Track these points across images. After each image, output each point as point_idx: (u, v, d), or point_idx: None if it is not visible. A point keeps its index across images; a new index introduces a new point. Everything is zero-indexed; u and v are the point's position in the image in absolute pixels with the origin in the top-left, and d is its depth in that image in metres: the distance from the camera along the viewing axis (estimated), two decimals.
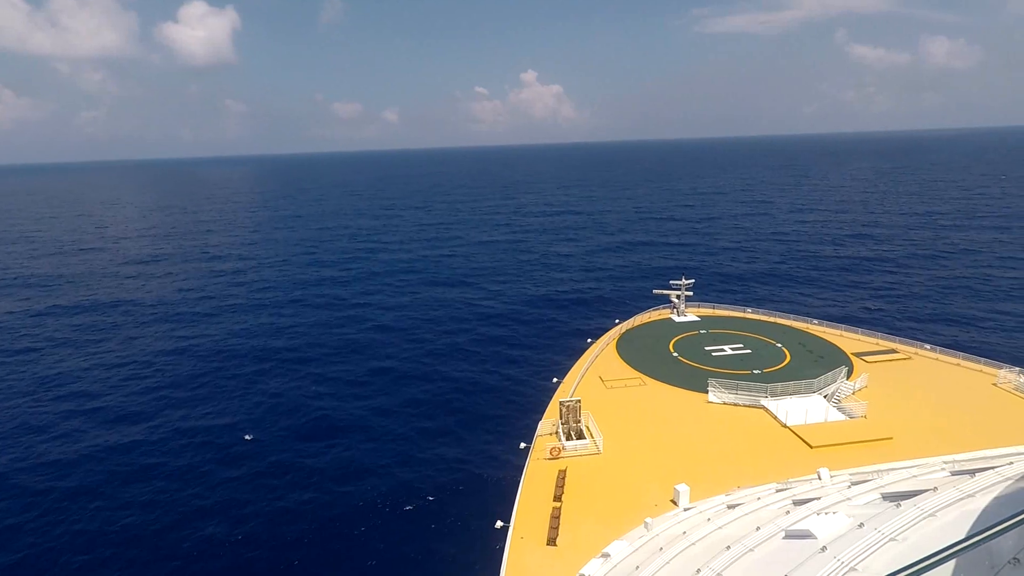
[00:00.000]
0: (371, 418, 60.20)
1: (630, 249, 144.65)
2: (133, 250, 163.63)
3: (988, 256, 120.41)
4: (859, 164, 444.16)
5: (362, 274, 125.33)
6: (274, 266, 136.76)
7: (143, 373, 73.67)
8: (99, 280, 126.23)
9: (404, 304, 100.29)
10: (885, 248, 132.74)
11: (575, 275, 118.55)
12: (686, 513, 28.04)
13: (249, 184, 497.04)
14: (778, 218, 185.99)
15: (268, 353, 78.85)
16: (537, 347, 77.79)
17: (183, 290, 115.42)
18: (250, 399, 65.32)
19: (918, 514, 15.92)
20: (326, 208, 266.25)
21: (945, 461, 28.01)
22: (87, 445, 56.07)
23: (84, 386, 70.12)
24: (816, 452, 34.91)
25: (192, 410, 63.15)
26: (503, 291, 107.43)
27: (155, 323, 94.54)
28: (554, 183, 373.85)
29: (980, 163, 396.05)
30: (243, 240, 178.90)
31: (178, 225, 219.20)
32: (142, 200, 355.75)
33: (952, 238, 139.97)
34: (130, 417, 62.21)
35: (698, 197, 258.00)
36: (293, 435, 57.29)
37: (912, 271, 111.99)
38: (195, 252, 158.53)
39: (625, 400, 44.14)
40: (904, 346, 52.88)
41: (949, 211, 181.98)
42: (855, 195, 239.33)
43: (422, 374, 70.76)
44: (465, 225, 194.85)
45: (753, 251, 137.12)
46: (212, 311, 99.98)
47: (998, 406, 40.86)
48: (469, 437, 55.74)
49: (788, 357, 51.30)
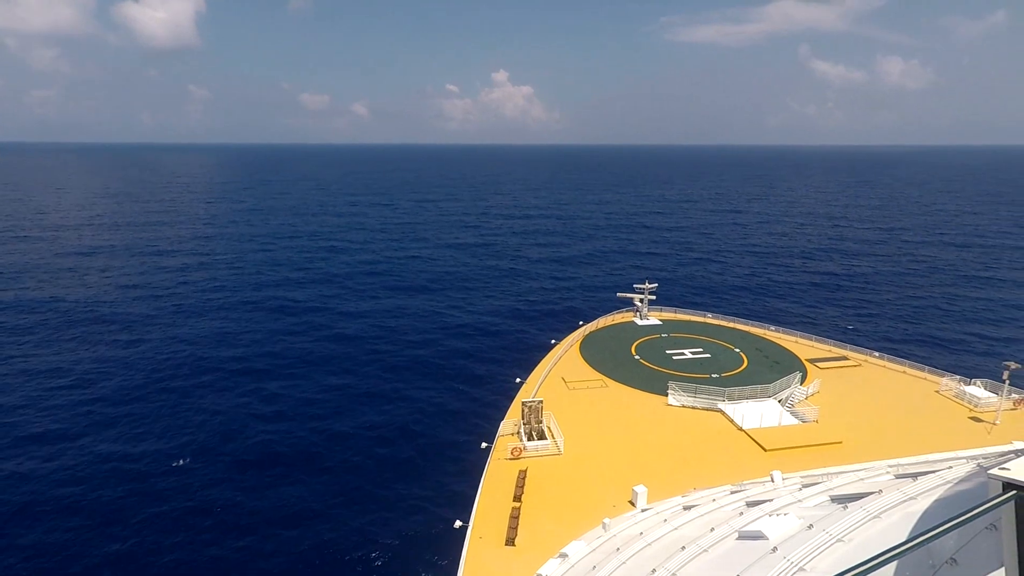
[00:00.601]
0: (322, 444, 54.10)
1: (601, 256, 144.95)
2: (72, 240, 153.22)
3: (949, 272, 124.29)
4: (824, 177, 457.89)
5: (320, 276, 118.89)
6: (226, 264, 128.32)
7: (65, 382, 65.49)
8: (30, 272, 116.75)
9: (364, 311, 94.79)
10: (848, 260, 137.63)
11: (545, 283, 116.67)
12: (643, 514, 28.35)
13: (208, 173, 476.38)
14: (747, 227, 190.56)
15: (211, 363, 71.74)
16: (504, 362, 72.20)
17: (122, 287, 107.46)
18: (186, 417, 58.10)
19: (864, 516, 16.43)
20: (288, 203, 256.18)
21: (890, 465, 29.04)
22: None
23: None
24: (770, 455, 35.86)
25: (116, 429, 55.21)
26: (469, 299, 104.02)
27: (86, 323, 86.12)
28: (523, 185, 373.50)
29: (936, 180, 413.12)
30: (195, 234, 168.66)
31: (126, 214, 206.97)
32: (90, 185, 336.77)
33: (914, 253, 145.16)
34: (42, 436, 54.19)
35: (667, 204, 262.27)
36: (232, 463, 50.09)
37: (873, 283, 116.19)
38: (140, 245, 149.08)
39: (587, 401, 44.46)
40: (855, 353, 54.85)
41: (911, 226, 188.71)
42: (820, 207, 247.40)
43: (381, 391, 65.20)
44: (432, 226, 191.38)
45: (718, 259, 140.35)
46: (152, 312, 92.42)
47: (940, 412, 42.78)
48: (426, 462, 50.88)
49: (746, 362, 52.55)
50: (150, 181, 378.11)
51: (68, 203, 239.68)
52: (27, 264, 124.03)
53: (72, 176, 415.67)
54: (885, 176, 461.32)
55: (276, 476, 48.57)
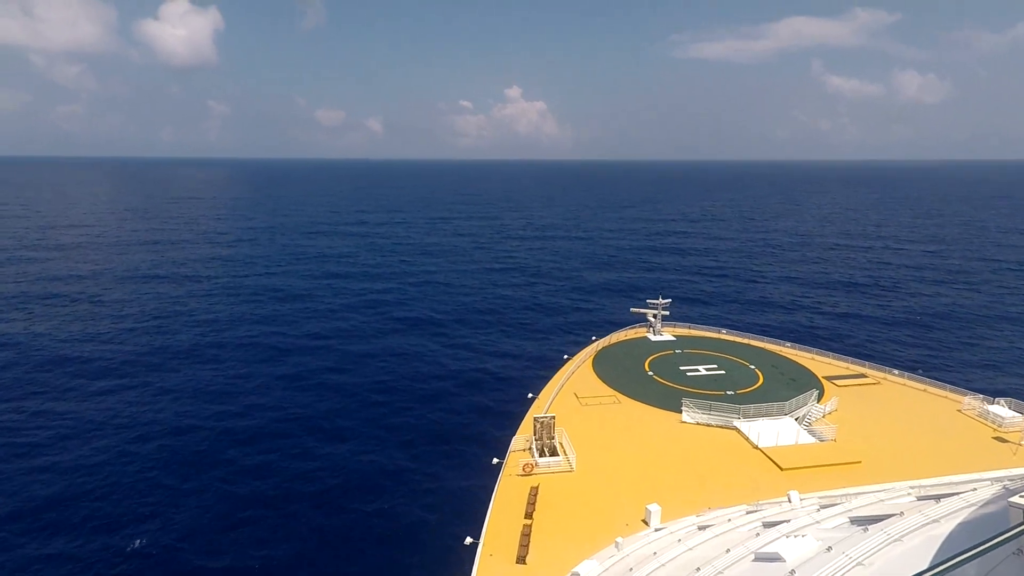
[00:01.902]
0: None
1: (613, 272, 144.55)
2: (62, 264, 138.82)
3: (986, 290, 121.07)
4: (844, 192, 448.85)
5: (324, 309, 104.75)
6: (223, 293, 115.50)
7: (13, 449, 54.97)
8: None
9: (366, 353, 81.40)
10: (867, 274, 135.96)
11: (557, 298, 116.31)
12: (657, 533, 27.88)
13: (220, 188, 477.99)
14: (761, 243, 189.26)
15: (194, 424, 59.26)
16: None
17: (109, 316, 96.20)
18: (152, 496, 47.81)
19: (885, 539, 16.01)
20: (298, 220, 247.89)
21: (911, 486, 28.36)
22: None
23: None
24: (786, 474, 35.15)
25: (66, 512, 45.47)
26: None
27: (51, 367, 73.97)
28: (535, 200, 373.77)
29: (973, 196, 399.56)
30: (194, 255, 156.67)
31: (127, 231, 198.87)
32: (97, 199, 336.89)
33: (938, 266, 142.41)
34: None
35: (680, 219, 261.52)
36: (199, 548, 42.14)
37: (892, 298, 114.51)
38: (133, 266, 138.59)
39: (599, 417, 44.04)
40: (873, 371, 53.88)
41: (950, 242, 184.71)
42: (838, 221, 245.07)
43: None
44: (443, 242, 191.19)
45: (733, 274, 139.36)
46: (134, 354, 78.39)
47: (963, 432, 41.75)
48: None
49: (761, 379, 51.82)
50: (159, 195, 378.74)
51: (70, 218, 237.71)
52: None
53: (81, 189, 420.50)
54: (910, 189, 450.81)
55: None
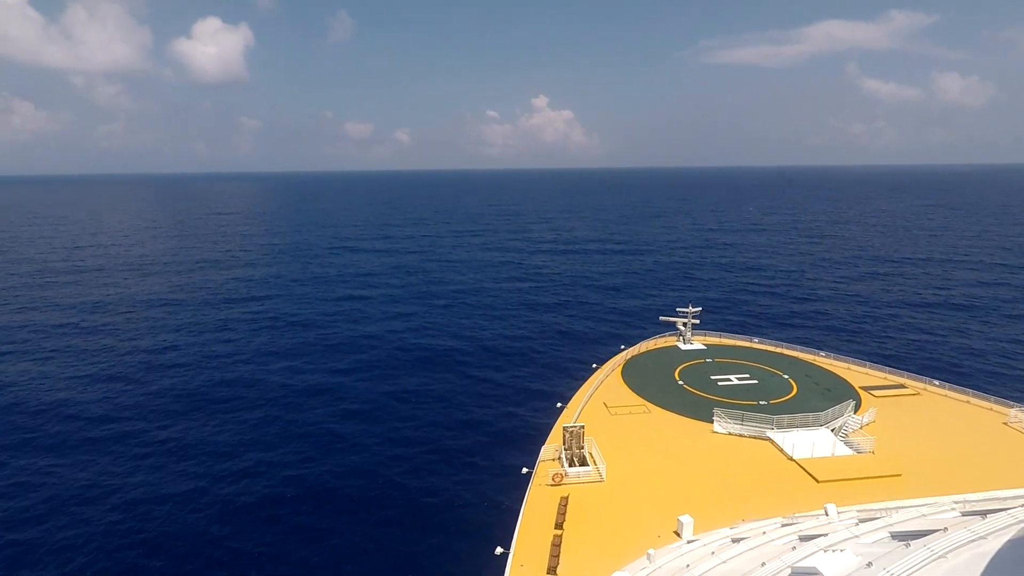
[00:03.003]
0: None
1: (642, 280, 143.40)
2: (71, 294, 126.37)
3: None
4: (891, 198, 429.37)
5: (340, 340, 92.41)
6: (234, 324, 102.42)
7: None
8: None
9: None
10: (904, 284, 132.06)
11: (587, 307, 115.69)
12: (690, 546, 27.55)
13: (247, 202, 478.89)
14: (791, 250, 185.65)
15: (195, 496, 49.88)
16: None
17: (107, 351, 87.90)
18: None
19: (928, 555, 15.60)
20: (322, 235, 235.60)
21: (955, 501, 27.49)
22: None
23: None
24: (823, 487, 34.36)
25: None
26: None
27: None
28: (565, 209, 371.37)
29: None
30: (209, 280, 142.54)
31: (145, 252, 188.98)
32: (118, 217, 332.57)
33: (980, 276, 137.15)
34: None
35: (709, 225, 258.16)
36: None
37: (931, 308, 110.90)
38: (139, 296, 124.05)
39: (629, 427, 43.74)
40: (913, 381, 52.31)
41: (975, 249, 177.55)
42: (868, 228, 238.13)
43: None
44: (472, 248, 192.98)
45: (765, 282, 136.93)
46: (118, 413, 66.11)
47: (1009, 446, 40.20)
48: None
49: (795, 389, 50.81)
50: (184, 210, 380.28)
51: (91, 236, 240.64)
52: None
53: (106, 206, 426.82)
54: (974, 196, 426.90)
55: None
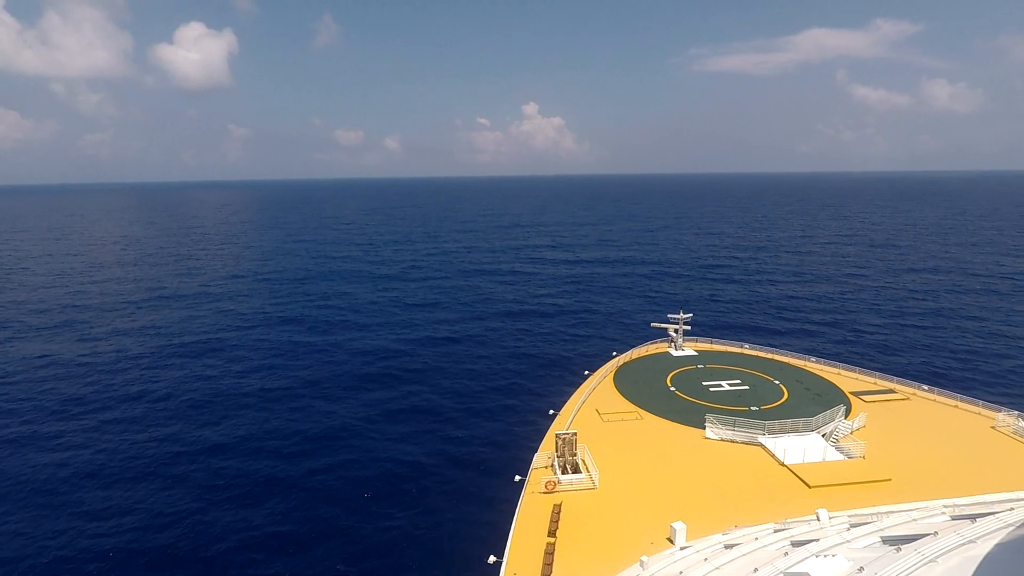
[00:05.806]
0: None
1: (633, 286, 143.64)
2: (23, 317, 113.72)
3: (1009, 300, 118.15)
4: (892, 204, 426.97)
5: (309, 378, 79.26)
6: (190, 353, 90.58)
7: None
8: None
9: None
10: (894, 288, 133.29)
11: (578, 314, 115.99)
12: (682, 552, 27.51)
13: (227, 212, 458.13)
14: (781, 256, 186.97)
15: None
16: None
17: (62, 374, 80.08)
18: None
19: (919, 559, 15.67)
20: (303, 248, 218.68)
21: (945, 505, 27.67)
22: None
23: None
24: (814, 492, 34.48)
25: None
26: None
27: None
28: (555, 216, 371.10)
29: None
30: (168, 296, 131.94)
31: (129, 260, 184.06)
32: (90, 228, 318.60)
33: (970, 282, 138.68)
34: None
35: (697, 232, 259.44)
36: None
37: (920, 312, 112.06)
38: (96, 319, 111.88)
39: (621, 434, 43.72)
40: (902, 386, 52.71)
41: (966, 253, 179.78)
42: (861, 234, 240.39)
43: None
44: (464, 258, 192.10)
45: (755, 288, 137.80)
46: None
47: (997, 450, 40.55)
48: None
49: (786, 394, 51.04)
50: (157, 223, 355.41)
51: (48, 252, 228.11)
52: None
53: (75, 219, 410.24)
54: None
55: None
